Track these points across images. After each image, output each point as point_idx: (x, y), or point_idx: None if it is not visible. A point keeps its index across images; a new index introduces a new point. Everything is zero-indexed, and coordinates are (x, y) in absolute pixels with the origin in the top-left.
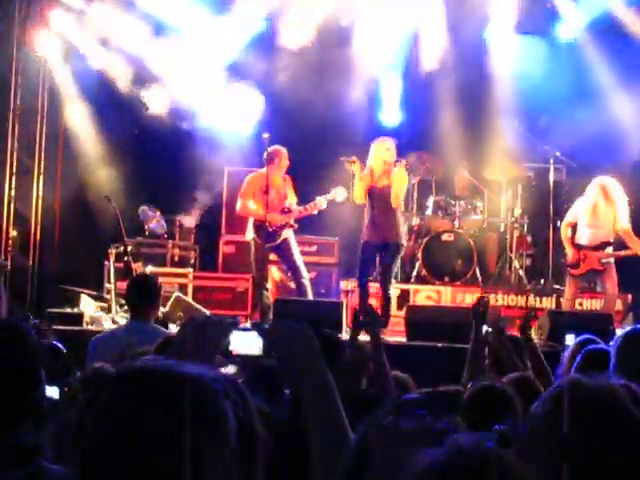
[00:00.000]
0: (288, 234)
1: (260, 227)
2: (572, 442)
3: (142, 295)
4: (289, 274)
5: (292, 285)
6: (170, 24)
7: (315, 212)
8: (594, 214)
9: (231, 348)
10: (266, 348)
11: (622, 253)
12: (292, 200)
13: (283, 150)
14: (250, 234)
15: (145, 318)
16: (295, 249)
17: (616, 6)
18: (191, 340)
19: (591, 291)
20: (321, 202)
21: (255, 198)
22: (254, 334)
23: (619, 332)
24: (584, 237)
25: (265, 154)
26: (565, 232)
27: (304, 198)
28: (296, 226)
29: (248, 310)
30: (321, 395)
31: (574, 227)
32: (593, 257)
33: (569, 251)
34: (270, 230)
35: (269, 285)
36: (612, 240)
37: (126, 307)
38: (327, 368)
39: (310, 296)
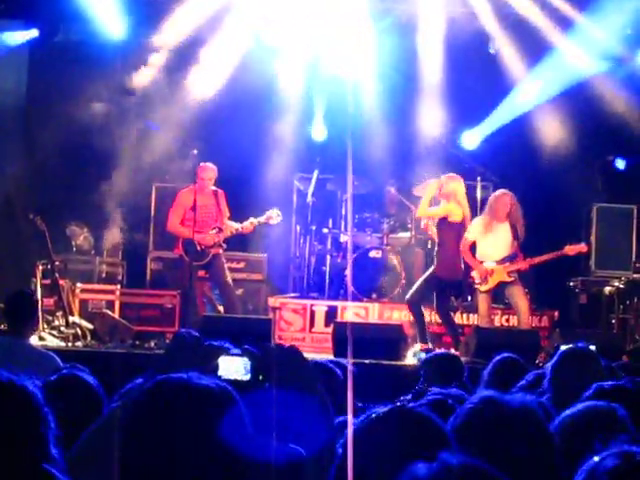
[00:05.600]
0: (219, 250)
1: (189, 245)
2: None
3: (17, 311)
4: (217, 291)
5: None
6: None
7: (247, 232)
8: (492, 230)
9: (220, 373)
10: (256, 372)
11: (527, 264)
12: (225, 214)
13: (205, 166)
14: (180, 250)
15: (20, 335)
16: (224, 266)
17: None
18: (176, 357)
19: (503, 308)
20: (254, 224)
21: (185, 215)
22: (242, 359)
23: (563, 348)
24: (488, 253)
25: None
26: (466, 252)
27: (236, 214)
28: (225, 246)
29: (176, 327)
30: (319, 404)
31: (473, 246)
32: (499, 270)
33: (477, 269)
34: (199, 249)
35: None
36: (515, 252)
37: (54, 324)
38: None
39: (239, 313)
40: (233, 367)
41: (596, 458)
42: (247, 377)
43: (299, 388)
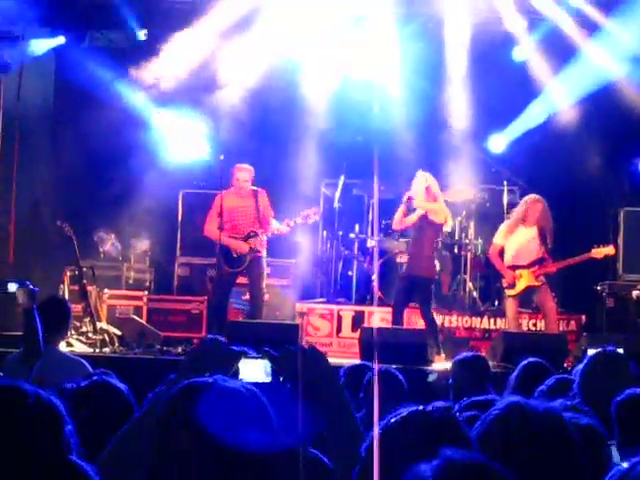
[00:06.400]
0: (259, 253)
1: (224, 250)
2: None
3: (47, 317)
4: (245, 295)
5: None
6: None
7: (284, 233)
8: (517, 234)
9: (241, 377)
10: (277, 375)
11: (554, 267)
12: (268, 214)
13: (239, 167)
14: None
15: (51, 341)
16: (262, 273)
17: (565, 25)
18: (198, 363)
19: (531, 312)
20: (290, 225)
21: (221, 220)
22: (263, 362)
23: (591, 352)
24: (516, 257)
25: None
26: (494, 257)
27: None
28: (262, 252)
29: (203, 332)
30: (343, 406)
31: (502, 251)
32: (528, 274)
33: (505, 274)
34: (235, 255)
35: None
36: (542, 256)
37: (82, 330)
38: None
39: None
40: (254, 370)
41: (625, 464)
42: (268, 379)
43: (320, 389)
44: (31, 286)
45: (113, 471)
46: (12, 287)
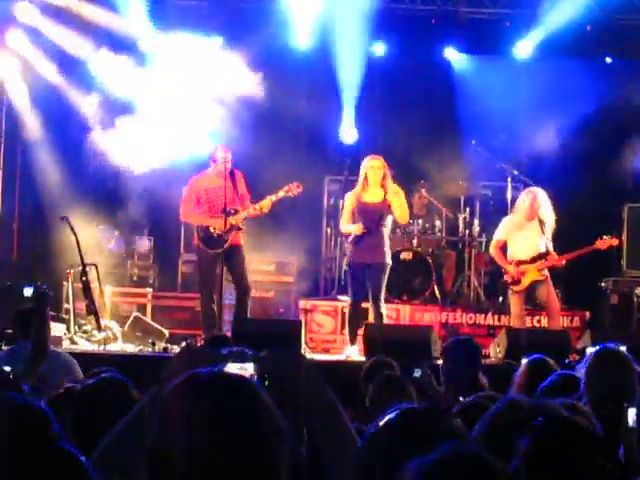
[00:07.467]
0: (239, 240)
1: (204, 233)
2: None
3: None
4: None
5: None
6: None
7: (266, 211)
8: (522, 229)
9: None
10: (262, 378)
11: (560, 260)
12: (245, 196)
13: (221, 146)
14: (196, 240)
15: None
16: (244, 261)
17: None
18: (181, 370)
19: (534, 309)
20: (273, 200)
21: (200, 201)
22: (249, 365)
23: (590, 350)
24: (520, 252)
25: None
26: (496, 253)
27: (267, 217)
28: (244, 228)
29: None
30: (332, 413)
31: (503, 246)
32: (532, 269)
33: (509, 269)
34: (215, 235)
35: None
36: (546, 250)
37: (86, 328)
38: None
39: (248, 314)
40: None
41: None
42: None
43: (299, 393)
44: (46, 289)
45: (112, 459)
46: (27, 291)
